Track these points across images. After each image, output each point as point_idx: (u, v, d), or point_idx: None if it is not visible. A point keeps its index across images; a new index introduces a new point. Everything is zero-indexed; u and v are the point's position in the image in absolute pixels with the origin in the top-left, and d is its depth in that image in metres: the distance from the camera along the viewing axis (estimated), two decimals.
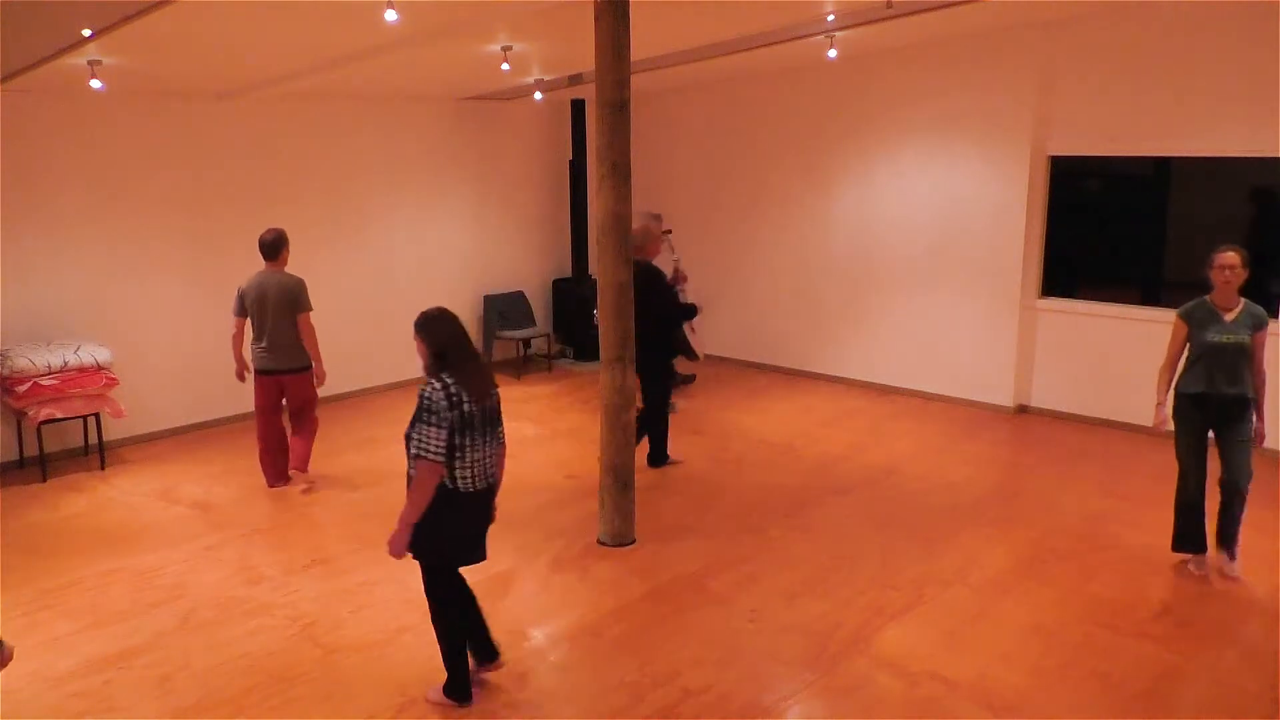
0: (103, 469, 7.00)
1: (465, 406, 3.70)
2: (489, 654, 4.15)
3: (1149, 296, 7.71)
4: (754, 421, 8.06)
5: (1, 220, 6.77)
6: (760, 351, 9.62)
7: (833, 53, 7.62)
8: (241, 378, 6.60)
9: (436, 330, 3.79)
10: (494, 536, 5.65)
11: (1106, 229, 8.06)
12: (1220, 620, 4.64)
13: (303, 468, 6.56)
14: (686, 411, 8.36)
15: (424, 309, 3.88)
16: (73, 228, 7.12)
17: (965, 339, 8.27)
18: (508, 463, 3.82)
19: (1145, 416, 7.44)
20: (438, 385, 3.70)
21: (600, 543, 5.57)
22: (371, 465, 7.02)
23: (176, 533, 5.84)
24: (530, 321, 10.15)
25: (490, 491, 3.93)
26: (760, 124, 9.48)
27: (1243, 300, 4.91)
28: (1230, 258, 4.85)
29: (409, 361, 9.17)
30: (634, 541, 5.58)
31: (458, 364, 3.75)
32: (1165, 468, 5.21)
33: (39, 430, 6.74)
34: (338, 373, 8.38)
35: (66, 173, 7.05)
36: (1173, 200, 7.85)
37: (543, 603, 4.91)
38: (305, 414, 6.59)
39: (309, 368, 6.44)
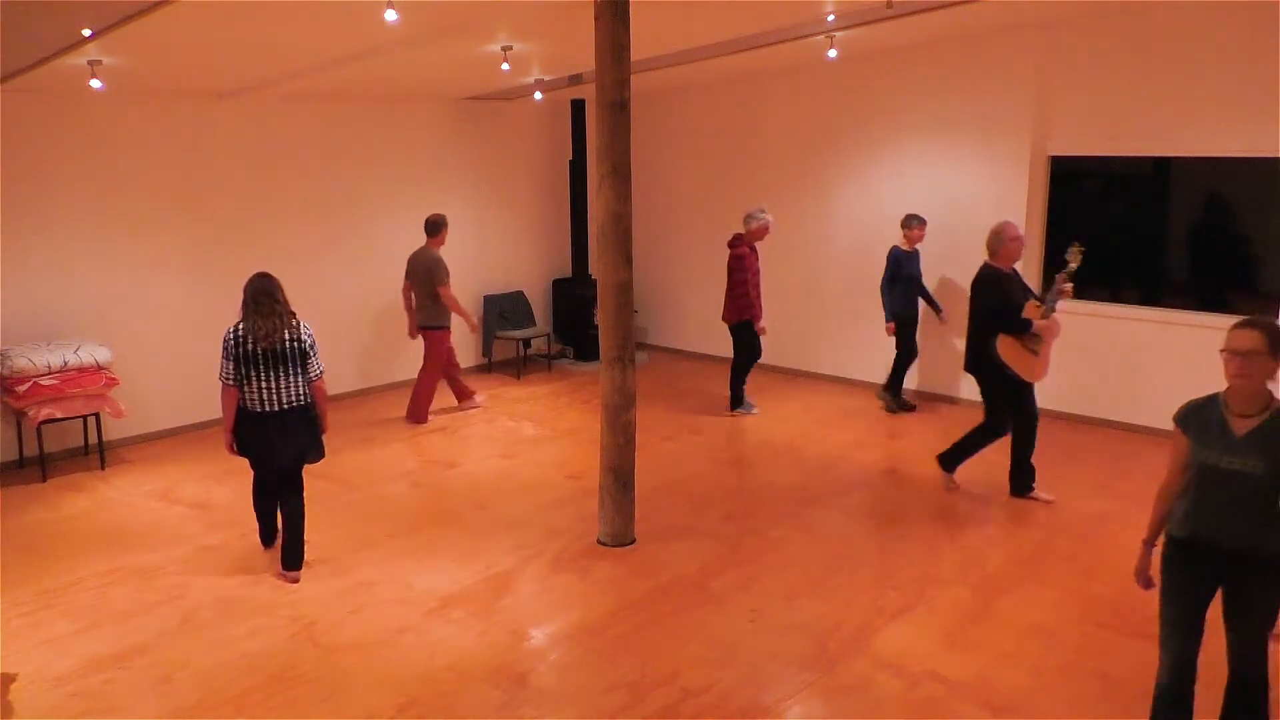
0: (103, 469, 7.00)
1: (248, 346, 4.88)
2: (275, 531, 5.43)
3: (1149, 297, 7.71)
4: (754, 421, 8.06)
5: (2, 220, 6.77)
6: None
7: (833, 53, 7.62)
8: (412, 335, 8.17)
9: (246, 287, 4.98)
10: (494, 536, 5.72)
11: (1106, 229, 8.07)
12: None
13: (412, 416, 8.10)
14: (687, 409, 8.36)
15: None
16: (73, 227, 7.12)
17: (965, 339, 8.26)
18: (507, 463, 3.88)
19: (1146, 416, 7.50)
20: (230, 328, 4.95)
21: (600, 543, 5.57)
22: (371, 465, 7.03)
23: (177, 533, 5.84)
24: (530, 321, 10.15)
25: (287, 413, 4.99)
26: (760, 124, 9.48)
27: (1277, 404, 3.18)
28: (1242, 339, 3.13)
29: (409, 362, 9.22)
30: (634, 541, 5.57)
31: (250, 314, 4.92)
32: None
33: (39, 430, 6.74)
34: (338, 373, 8.39)
35: (66, 172, 7.04)
36: (1173, 200, 7.85)
37: (543, 603, 4.91)
38: (424, 365, 8.09)
39: (437, 327, 7.99)
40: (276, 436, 5.01)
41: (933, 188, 8.32)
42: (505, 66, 7.06)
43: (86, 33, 5.21)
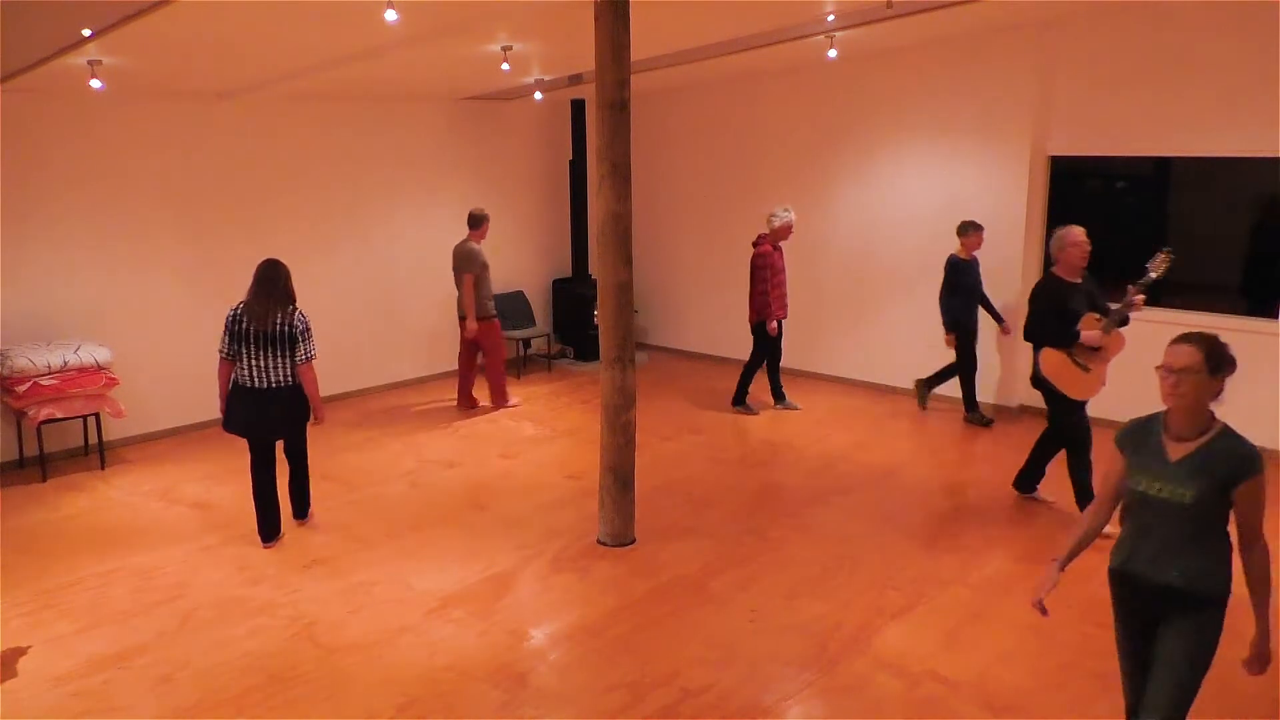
0: (103, 469, 7.00)
1: (243, 325, 5.34)
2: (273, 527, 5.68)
3: (1150, 298, 7.69)
4: (754, 421, 8.06)
5: (1, 220, 6.77)
6: None
7: (833, 53, 7.62)
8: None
9: (255, 273, 5.41)
10: (494, 536, 5.72)
11: (1106, 229, 8.06)
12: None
13: (494, 402, 8.42)
14: (687, 409, 8.36)
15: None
16: (73, 228, 7.12)
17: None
18: (507, 463, 3.90)
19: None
20: (232, 307, 5.41)
21: (600, 543, 5.57)
22: (371, 465, 7.03)
23: (176, 533, 5.84)
24: (530, 321, 10.15)
25: (273, 391, 5.37)
26: (760, 124, 9.48)
27: (1216, 428, 2.92)
28: (1177, 354, 2.88)
29: (408, 362, 9.23)
30: (634, 541, 5.58)
31: (251, 296, 5.37)
32: None
33: (39, 430, 6.74)
34: (337, 373, 8.40)
35: (66, 173, 7.04)
36: (1173, 200, 7.85)
37: (543, 603, 4.92)
38: (485, 358, 8.31)
39: (485, 317, 8.12)
40: (259, 411, 5.42)
41: (933, 188, 8.32)
42: (505, 66, 7.06)
43: (86, 33, 5.21)
